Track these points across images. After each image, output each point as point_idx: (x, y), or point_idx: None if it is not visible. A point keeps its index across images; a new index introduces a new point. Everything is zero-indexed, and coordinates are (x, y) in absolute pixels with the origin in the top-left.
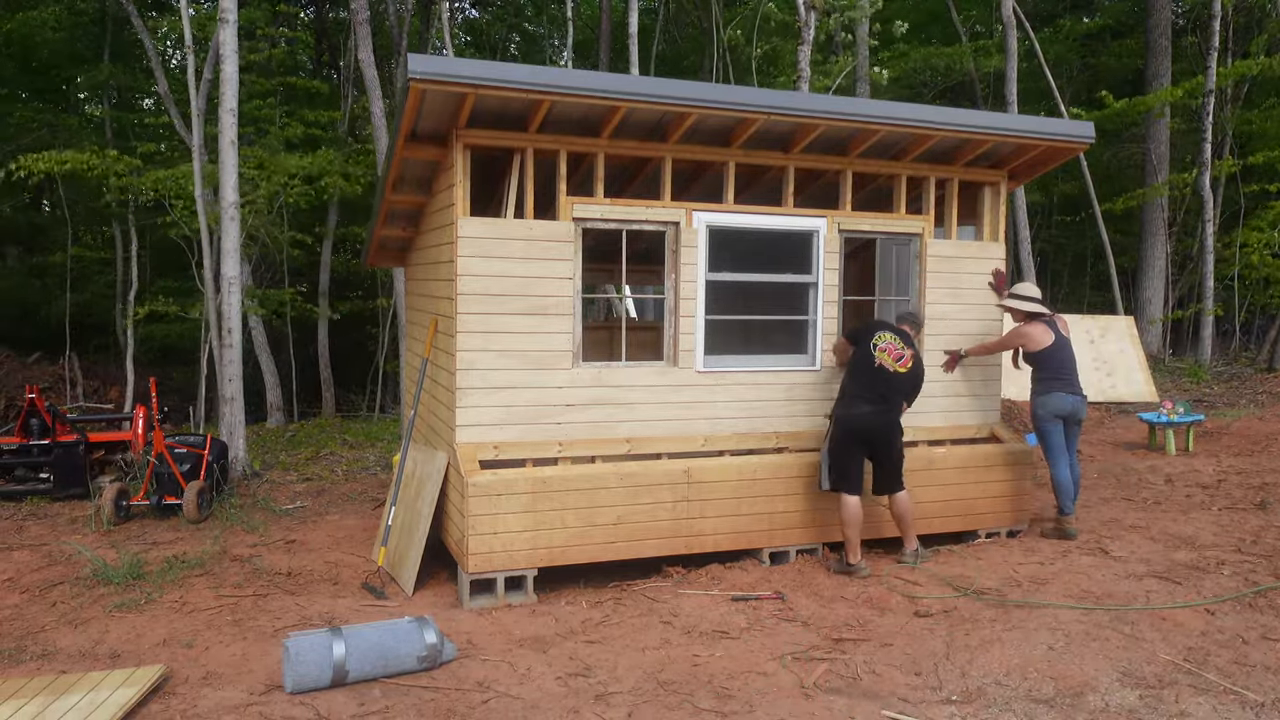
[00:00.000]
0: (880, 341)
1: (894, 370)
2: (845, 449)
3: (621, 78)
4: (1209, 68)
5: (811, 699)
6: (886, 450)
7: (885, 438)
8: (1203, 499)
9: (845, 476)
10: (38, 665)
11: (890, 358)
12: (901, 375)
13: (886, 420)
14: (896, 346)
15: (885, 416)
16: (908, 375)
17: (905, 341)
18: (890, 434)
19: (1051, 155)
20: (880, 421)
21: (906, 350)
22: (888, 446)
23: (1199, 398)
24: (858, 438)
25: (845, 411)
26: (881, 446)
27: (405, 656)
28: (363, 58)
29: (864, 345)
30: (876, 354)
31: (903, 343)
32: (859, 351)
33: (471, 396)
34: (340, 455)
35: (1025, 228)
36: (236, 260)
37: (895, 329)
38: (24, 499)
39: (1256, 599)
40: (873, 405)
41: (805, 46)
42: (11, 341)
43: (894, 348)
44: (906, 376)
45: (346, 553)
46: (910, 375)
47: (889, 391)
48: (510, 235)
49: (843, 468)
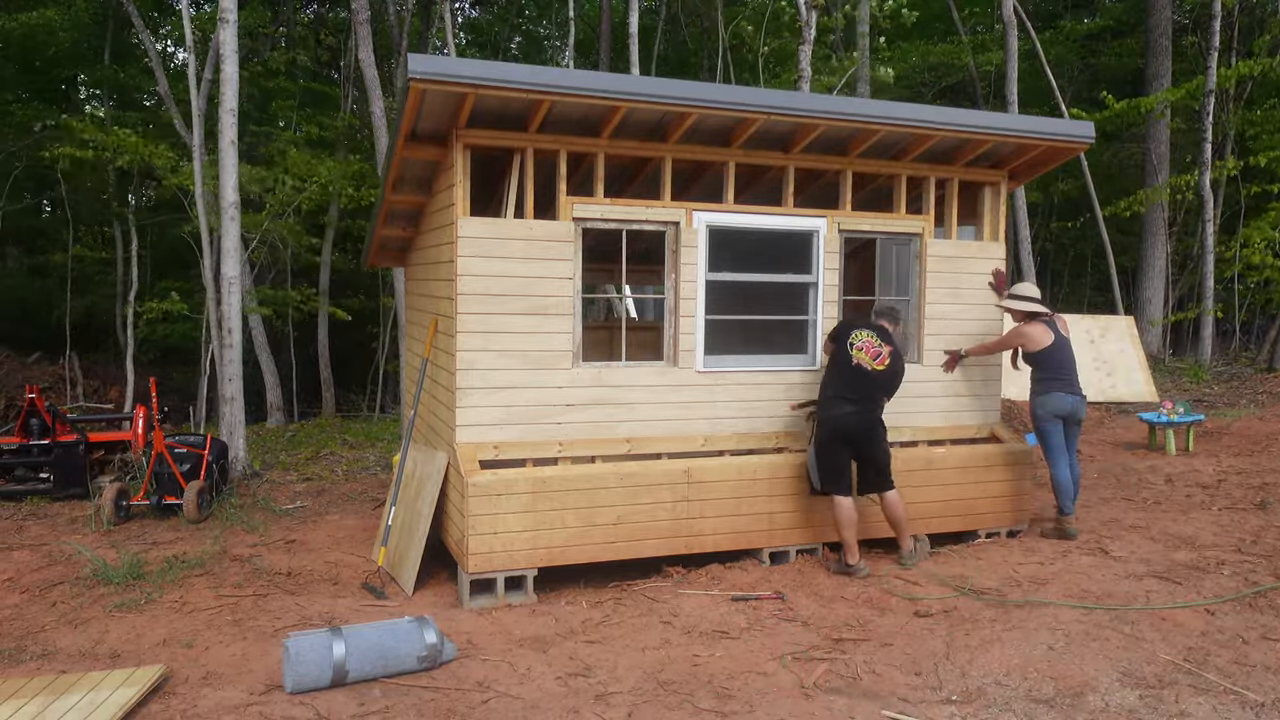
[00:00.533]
0: (857, 340)
1: (872, 369)
2: (830, 449)
3: (621, 78)
4: (1209, 68)
5: (811, 699)
6: (870, 449)
7: (868, 436)
8: (1203, 499)
9: (833, 478)
10: (38, 665)
11: (868, 356)
12: (880, 373)
13: (868, 419)
14: (874, 344)
15: (867, 415)
16: (885, 372)
17: (882, 338)
18: (873, 432)
19: (1052, 155)
20: (862, 420)
21: (884, 347)
22: (871, 445)
23: (1199, 398)
24: (840, 437)
25: (827, 413)
26: (865, 445)
27: (405, 656)
28: (363, 58)
29: (841, 344)
30: (854, 353)
31: (880, 339)
32: (837, 350)
33: (471, 396)
34: (340, 455)
35: (1025, 228)
36: (236, 260)
37: (872, 326)
38: (24, 499)
39: (1256, 599)
40: (854, 405)
41: (806, 46)
42: (11, 341)
43: (871, 345)
44: (884, 374)
45: (346, 553)
46: (888, 372)
47: (869, 390)
48: (510, 235)
49: (829, 469)
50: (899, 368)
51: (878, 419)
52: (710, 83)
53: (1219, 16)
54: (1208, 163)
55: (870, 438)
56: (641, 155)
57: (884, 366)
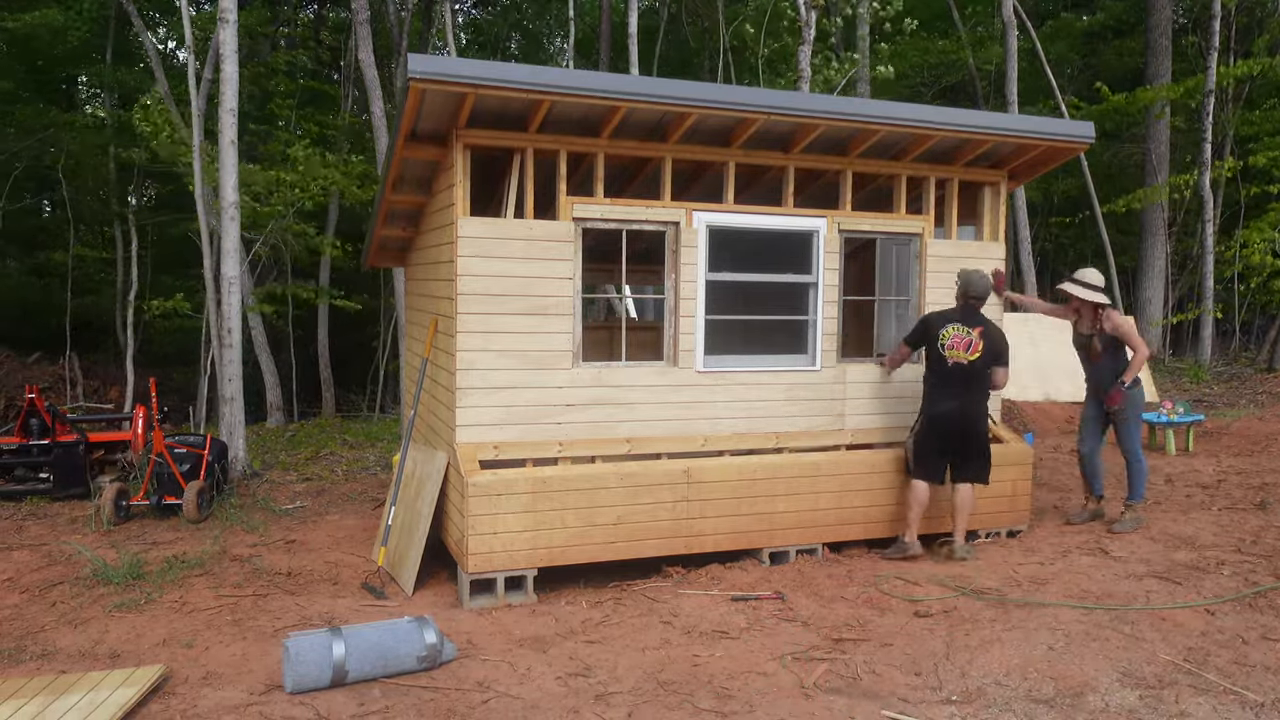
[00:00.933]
0: (945, 339)
1: (969, 361)
2: (926, 441)
3: (621, 78)
4: (1209, 68)
5: (811, 699)
6: (968, 444)
7: (967, 432)
8: (1203, 499)
9: (923, 466)
10: (38, 665)
11: (961, 350)
12: (978, 360)
13: (970, 415)
14: (962, 335)
15: (969, 410)
16: (984, 355)
17: (968, 323)
18: (972, 429)
19: (1052, 155)
20: (964, 415)
21: (973, 332)
22: (969, 440)
23: (1199, 398)
24: (937, 431)
25: (930, 409)
26: (962, 441)
27: (405, 656)
28: (363, 58)
29: (932, 345)
30: (947, 353)
31: (965, 327)
32: (930, 351)
33: (471, 396)
34: (340, 455)
35: (1025, 228)
36: (236, 260)
37: (954, 315)
38: (24, 499)
39: (1256, 599)
40: (956, 400)
41: (806, 46)
42: (11, 341)
43: (960, 338)
44: (984, 357)
45: (346, 553)
46: (988, 353)
47: (971, 381)
48: (510, 235)
49: (922, 457)
50: (996, 343)
51: (980, 414)
52: (710, 83)
53: (1219, 16)
54: (1207, 163)
55: (969, 433)
56: (641, 155)
57: (979, 353)
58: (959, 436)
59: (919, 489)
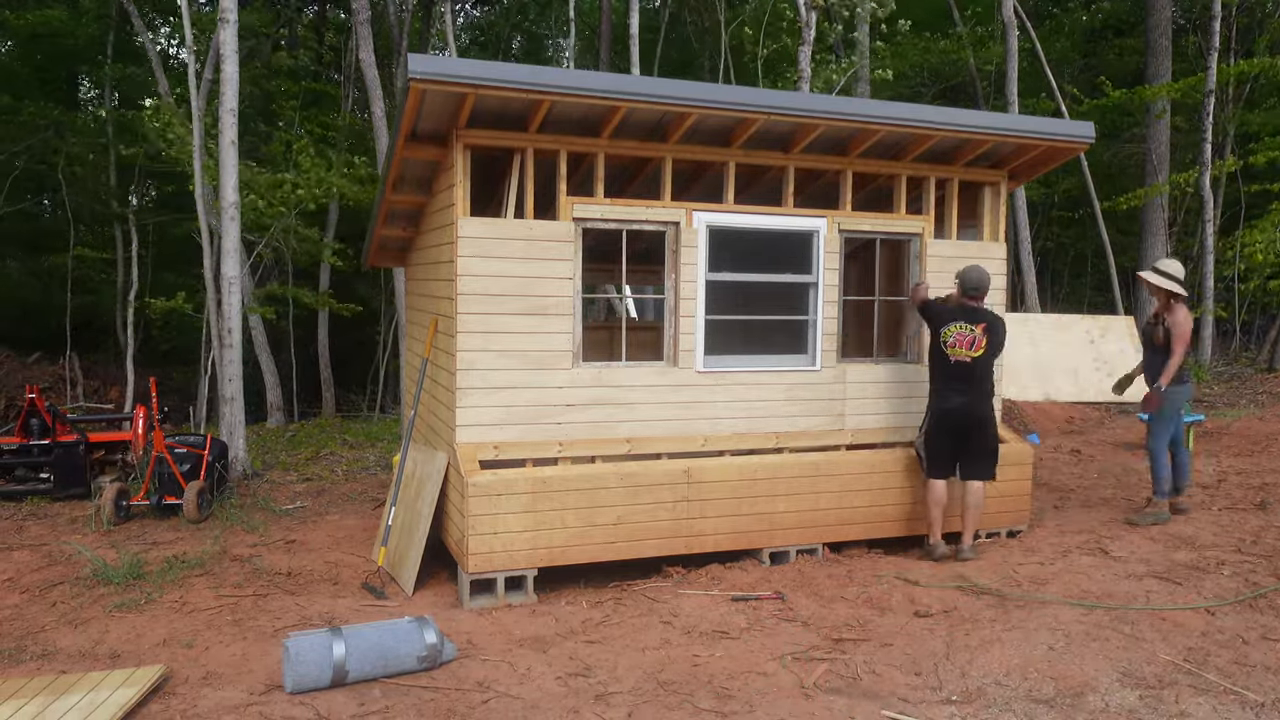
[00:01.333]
0: (948, 338)
1: (972, 358)
2: (936, 438)
3: (621, 78)
4: (1209, 67)
5: (811, 699)
6: (976, 439)
7: (974, 427)
8: (1203, 499)
9: (935, 463)
10: (38, 665)
11: (963, 348)
12: (981, 356)
13: (977, 410)
14: (965, 333)
15: (975, 406)
16: (987, 352)
17: (970, 320)
18: (980, 423)
19: (1052, 155)
20: (970, 411)
21: (975, 329)
22: (977, 435)
23: (1199, 398)
24: (943, 427)
25: (937, 405)
26: (969, 436)
27: (405, 656)
28: (364, 58)
29: (935, 342)
30: (949, 351)
31: (968, 325)
32: (934, 348)
33: (471, 396)
34: (340, 455)
35: (1025, 228)
36: (237, 261)
37: (957, 314)
38: (24, 499)
39: (1256, 599)
40: (962, 396)
41: (806, 46)
42: (11, 341)
43: (963, 336)
44: (986, 354)
45: (346, 553)
46: (990, 349)
47: (974, 377)
48: (510, 235)
49: (933, 455)
50: (997, 336)
51: (987, 410)
52: (710, 83)
53: (1219, 16)
54: (1208, 162)
55: (977, 428)
56: (641, 155)
57: (982, 350)
58: (968, 432)
59: (937, 488)
